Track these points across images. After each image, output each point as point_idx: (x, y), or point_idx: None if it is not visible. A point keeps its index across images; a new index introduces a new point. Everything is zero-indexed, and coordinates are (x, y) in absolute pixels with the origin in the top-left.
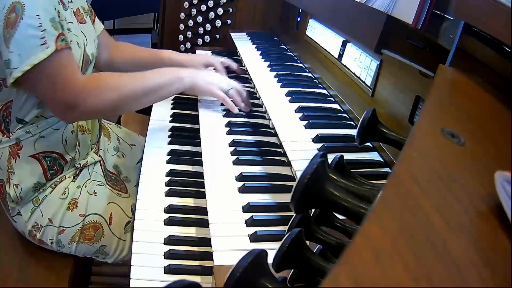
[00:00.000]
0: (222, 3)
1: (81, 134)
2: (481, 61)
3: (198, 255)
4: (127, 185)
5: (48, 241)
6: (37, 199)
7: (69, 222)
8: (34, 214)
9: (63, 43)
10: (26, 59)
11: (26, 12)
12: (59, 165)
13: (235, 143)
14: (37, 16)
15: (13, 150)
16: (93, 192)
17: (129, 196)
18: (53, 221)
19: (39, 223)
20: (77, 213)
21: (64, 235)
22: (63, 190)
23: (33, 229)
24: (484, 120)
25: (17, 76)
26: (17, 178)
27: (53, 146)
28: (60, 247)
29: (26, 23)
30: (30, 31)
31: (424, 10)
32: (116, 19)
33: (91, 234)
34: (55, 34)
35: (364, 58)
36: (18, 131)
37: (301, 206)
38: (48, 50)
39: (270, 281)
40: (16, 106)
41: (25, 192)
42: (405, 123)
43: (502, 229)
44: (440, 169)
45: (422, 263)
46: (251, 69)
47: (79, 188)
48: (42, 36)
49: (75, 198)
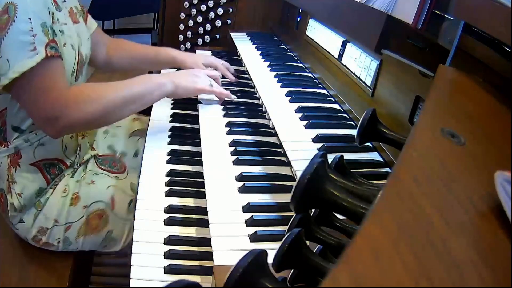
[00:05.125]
0: (222, 3)
1: (81, 139)
2: (481, 61)
3: (198, 255)
4: (124, 161)
5: (55, 241)
6: (39, 203)
7: (74, 216)
8: (38, 219)
9: (53, 51)
10: (13, 66)
11: (18, 15)
12: (59, 169)
13: (235, 143)
14: (29, 20)
15: (12, 160)
16: (91, 181)
17: (127, 175)
18: (58, 220)
19: (45, 226)
20: (80, 206)
21: (71, 231)
22: (63, 188)
23: (38, 234)
24: (484, 120)
25: (5, 83)
26: (19, 187)
27: (53, 153)
28: (67, 245)
29: (17, 28)
30: (20, 36)
31: (424, 10)
32: (116, 19)
33: (96, 222)
34: (45, 41)
35: (364, 58)
36: (16, 140)
37: (301, 206)
38: (37, 57)
39: (270, 281)
40: (10, 113)
41: (28, 198)
42: (405, 123)
43: (502, 229)
44: (440, 169)
45: (422, 263)
46: (251, 69)
47: (78, 182)
48: (32, 41)
49: (76, 192)
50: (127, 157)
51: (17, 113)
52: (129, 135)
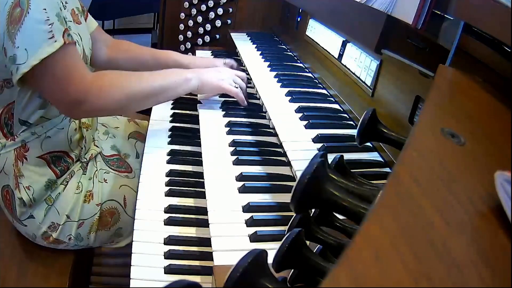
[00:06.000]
0: (222, 3)
1: (86, 131)
2: (481, 61)
3: (198, 255)
4: (129, 162)
5: (66, 238)
6: (50, 198)
7: (88, 214)
8: (49, 214)
9: (70, 38)
10: (33, 53)
11: (32, 6)
12: (65, 161)
13: (235, 143)
14: (44, 10)
15: (19, 153)
16: (103, 180)
17: (134, 175)
18: (71, 216)
19: (56, 221)
20: (94, 204)
21: (83, 228)
22: (76, 184)
23: (49, 230)
24: (484, 120)
25: (24, 71)
26: (27, 180)
27: (59, 145)
28: (78, 241)
29: (33, 17)
30: (37, 25)
31: (424, 10)
32: (116, 19)
33: (107, 220)
34: (62, 29)
35: (364, 58)
36: (23, 133)
37: (301, 206)
38: (56, 44)
39: (270, 281)
40: (18, 107)
41: (38, 192)
42: (405, 123)
43: (502, 229)
44: (440, 169)
45: (422, 263)
46: (251, 69)
47: (91, 180)
48: (50, 30)
49: (90, 190)
50: (130, 158)
51: (25, 106)
52: (128, 137)
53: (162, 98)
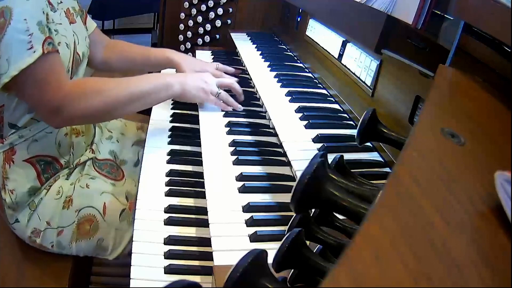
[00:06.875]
0: (222, 3)
1: (75, 137)
2: (481, 61)
3: (198, 255)
4: (123, 169)
5: (49, 245)
6: (33, 203)
7: (66, 221)
8: (32, 219)
9: (50, 47)
10: (13, 64)
11: (14, 17)
12: (54, 168)
13: (235, 143)
14: (24, 21)
15: (7, 156)
16: (85, 185)
17: (124, 182)
18: (51, 223)
19: (38, 227)
20: (72, 210)
21: (63, 236)
22: (57, 189)
23: (32, 235)
24: (484, 120)
25: (6, 81)
26: (12, 184)
27: (46, 149)
28: (61, 249)
29: (14, 28)
30: (17, 35)
31: (424, 10)
32: (116, 19)
33: (86, 228)
34: (42, 38)
35: (364, 58)
36: (11, 136)
37: (301, 206)
38: (35, 54)
39: (270, 281)
40: (8, 111)
41: (21, 197)
42: (405, 123)
43: (502, 229)
44: (440, 169)
45: (422, 263)
46: (251, 69)
47: (72, 185)
48: (29, 40)
49: (69, 195)
50: (127, 165)
51: (14, 110)
52: (132, 144)
53: (144, 103)
